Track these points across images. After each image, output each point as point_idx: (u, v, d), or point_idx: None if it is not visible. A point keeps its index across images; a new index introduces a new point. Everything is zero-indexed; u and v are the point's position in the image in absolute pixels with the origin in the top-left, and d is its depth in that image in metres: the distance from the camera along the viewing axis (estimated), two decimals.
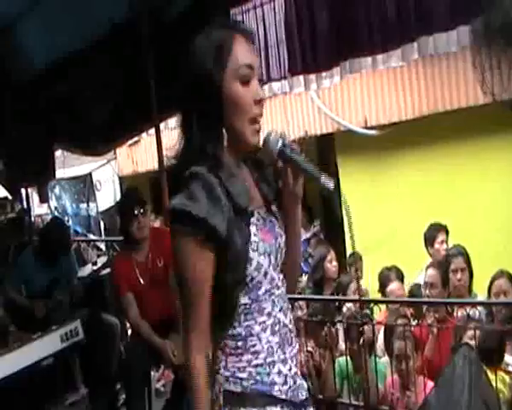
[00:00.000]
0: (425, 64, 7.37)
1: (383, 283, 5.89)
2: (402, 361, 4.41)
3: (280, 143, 1.91)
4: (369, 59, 5.90)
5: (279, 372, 1.90)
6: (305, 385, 2.05)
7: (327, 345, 5.02)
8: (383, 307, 5.37)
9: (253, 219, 1.90)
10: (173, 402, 4.71)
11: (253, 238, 1.86)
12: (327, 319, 5.04)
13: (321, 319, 5.10)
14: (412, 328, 4.66)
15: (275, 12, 6.33)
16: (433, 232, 6.22)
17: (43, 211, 13.88)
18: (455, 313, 4.69)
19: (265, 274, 1.90)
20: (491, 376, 3.86)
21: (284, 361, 1.92)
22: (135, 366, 4.59)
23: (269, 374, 1.89)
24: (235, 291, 1.87)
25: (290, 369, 1.94)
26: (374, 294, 6.10)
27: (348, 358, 4.84)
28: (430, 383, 4.23)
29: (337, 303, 5.49)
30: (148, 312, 4.60)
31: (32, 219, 9.22)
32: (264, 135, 1.93)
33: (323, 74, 6.30)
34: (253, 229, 1.88)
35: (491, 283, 4.93)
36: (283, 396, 1.91)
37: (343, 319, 5.06)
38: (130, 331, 5.34)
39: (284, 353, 1.93)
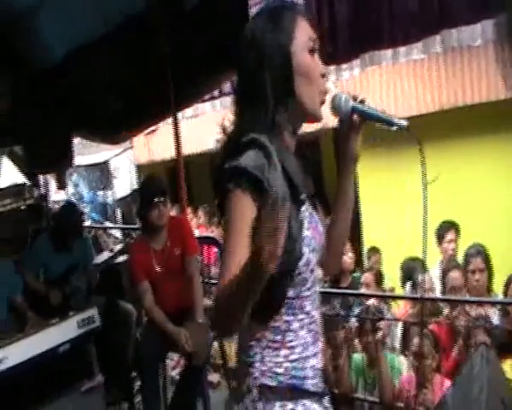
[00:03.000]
0: (446, 57, 7.32)
1: (407, 274, 5.86)
2: (419, 358, 4.39)
3: (351, 98, 1.96)
4: (390, 51, 5.87)
5: (311, 366, 1.91)
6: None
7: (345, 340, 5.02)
8: (401, 301, 5.35)
9: (303, 209, 1.87)
10: (183, 390, 4.72)
11: (305, 233, 1.84)
12: (343, 314, 5.04)
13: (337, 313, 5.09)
14: (430, 326, 4.64)
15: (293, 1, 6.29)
16: (443, 231, 6.18)
17: (61, 197, 13.96)
18: (473, 313, 4.66)
19: (312, 271, 1.89)
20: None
21: (316, 355, 1.93)
22: (150, 354, 4.60)
23: (303, 368, 1.89)
24: (285, 283, 1.81)
25: (319, 362, 1.95)
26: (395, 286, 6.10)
27: (363, 354, 4.84)
28: (447, 382, 4.22)
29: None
30: (163, 300, 4.60)
31: (50, 205, 9.25)
32: (331, 98, 1.96)
33: (343, 66, 6.27)
34: (305, 221, 1.85)
35: (508, 283, 4.86)
36: (313, 389, 1.92)
37: (361, 314, 5.04)
38: (145, 319, 5.36)
39: (316, 347, 1.93)
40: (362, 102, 1.96)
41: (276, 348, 1.87)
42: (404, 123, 1.88)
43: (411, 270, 5.78)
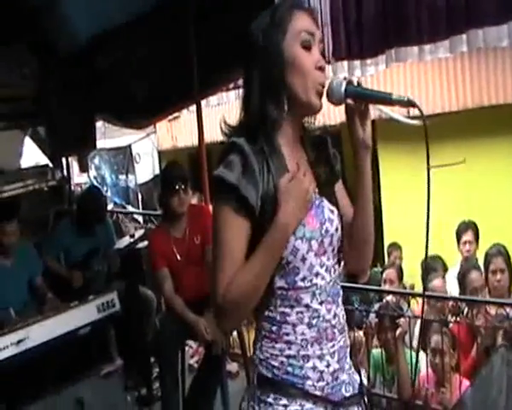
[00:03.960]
0: (471, 57, 7.29)
1: (426, 272, 5.85)
2: (437, 356, 4.39)
3: (344, 82, 1.89)
4: (416, 48, 5.83)
5: (313, 368, 1.87)
6: (356, 380, 2.02)
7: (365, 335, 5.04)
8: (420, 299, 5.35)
9: None
10: (201, 379, 4.75)
11: None
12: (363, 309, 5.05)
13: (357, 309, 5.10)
14: (450, 324, 4.64)
15: None
16: (460, 231, 6.17)
17: (83, 180, 14.02)
18: (493, 313, 4.65)
19: (303, 260, 1.84)
20: None
21: (321, 357, 1.88)
22: (169, 341, 4.61)
23: (301, 368, 1.86)
24: None
25: (328, 365, 1.89)
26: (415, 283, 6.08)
27: (382, 350, 4.86)
28: (465, 382, 4.23)
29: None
30: (183, 288, 4.62)
31: (72, 187, 9.30)
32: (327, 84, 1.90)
33: (368, 61, 6.25)
34: None
35: None
36: (318, 392, 1.87)
37: (381, 310, 5.05)
38: (164, 306, 5.38)
39: (321, 348, 1.88)
40: (358, 84, 1.89)
41: (273, 340, 1.88)
42: (405, 98, 1.80)
43: (430, 269, 5.76)
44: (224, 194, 1.80)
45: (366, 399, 2.05)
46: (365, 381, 2.01)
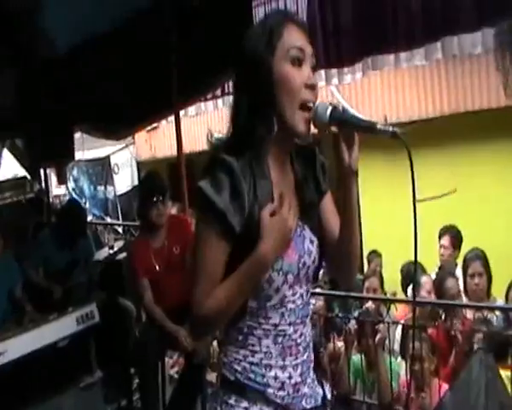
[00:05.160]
0: (447, 64, 7.35)
1: (406, 277, 5.87)
2: (417, 362, 4.41)
3: (330, 107, 1.82)
4: (392, 56, 5.88)
5: (275, 377, 1.90)
6: (319, 393, 2.05)
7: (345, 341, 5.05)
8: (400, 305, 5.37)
9: None
10: (182, 388, 4.74)
11: None
12: (343, 316, 5.07)
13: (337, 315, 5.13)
14: (429, 330, 4.67)
15: (297, 4, 6.29)
16: (439, 236, 6.20)
17: (61, 192, 13.98)
18: (471, 317, 4.68)
19: (277, 290, 1.87)
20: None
21: (283, 368, 1.91)
22: (148, 352, 4.60)
23: (263, 376, 1.90)
24: None
25: (290, 377, 1.92)
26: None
27: (362, 356, 4.87)
28: (445, 386, 4.25)
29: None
30: (163, 298, 4.61)
31: (50, 199, 9.27)
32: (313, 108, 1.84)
33: (345, 70, 6.28)
34: None
35: (509, 288, 4.88)
36: (278, 400, 1.91)
37: (359, 316, 5.07)
38: (144, 317, 5.37)
39: (284, 360, 1.91)
40: (343, 111, 1.83)
41: (238, 347, 1.92)
42: (390, 129, 1.74)
43: (411, 274, 5.78)
44: (210, 216, 1.80)
45: None
46: (328, 395, 2.06)
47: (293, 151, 1.98)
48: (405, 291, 5.97)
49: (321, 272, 2.10)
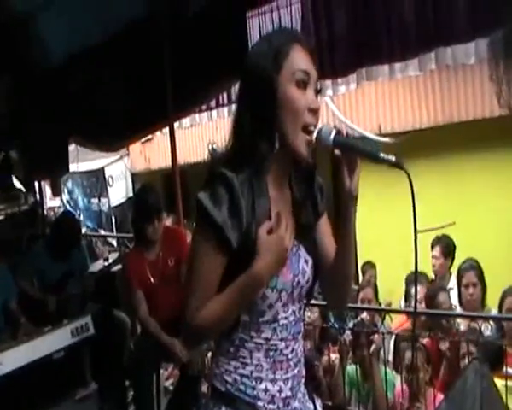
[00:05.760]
0: (441, 74, 7.38)
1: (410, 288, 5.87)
2: (411, 372, 4.41)
3: (334, 131, 1.84)
4: (387, 67, 5.89)
5: (265, 390, 1.92)
6: (309, 409, 2.06)
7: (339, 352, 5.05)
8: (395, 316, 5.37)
9: None
10: (177, 400, 4.73)
11: None
12: (338, 326, 5.07)
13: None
14: (424, 340, 4.66)
15: (291, 16, 6.30)
16: (431, 246, 6.20)
17: (56, 204, 13.95)
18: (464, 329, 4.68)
19: (270, 307, 1.89)
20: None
21: (273, 381, 1.93)
22: (144, 364, 4.61)
23: (254, 388, 1.91)
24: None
25: (280, 391, 1.94)
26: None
27: (357, 366, 4.87)
28: (440, 396, 4.24)
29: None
30: (158, 310, 4.62)
31: (45, 211, 9.26)
32: (316, 130, 1.85)
33: (339, 80, 6.29)
34: None
35: (503, 298, 4.86)
36: None
37: (354, 327, 5.07)
38: (139, 329, 5.36)
39: (274, 373, 1.93)
40: (347, 136, 1.87)
41: (229, 358, 1.94)
42: (393, 158, 1.77)
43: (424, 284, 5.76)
44: (208, 229, 1.81)
45: None
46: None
47: (292, 171, 1.98)
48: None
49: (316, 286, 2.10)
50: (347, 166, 1.85)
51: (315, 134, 1.85)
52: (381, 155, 1.78)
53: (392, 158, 1.77)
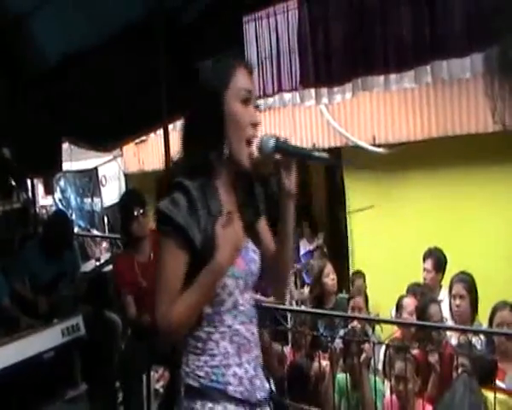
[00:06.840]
0: (436, 87, 7.40)
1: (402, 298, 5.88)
2: (401, 383, 4.43)
3: (273, 139, 2.13)
4: (382, 78, 5.91)
5: (234, 374, 2.14)
6: (266, 387, 2.28)
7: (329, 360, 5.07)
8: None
9: None
10: (168, 402, 4.72)
11: None
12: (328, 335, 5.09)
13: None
14: (414, 351, 4.68)
15: (288, 22, 6.32)
16: (423, 259, 6.21)
17: (48, 202, 13.89)
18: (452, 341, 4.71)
19: (230, 294, 2.15)
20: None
21: (240, 365, 2.16)
22: (134, 366, 4.62)
23: (224, 375, 2.13)
24: None
25: (246, 372, 2.18)
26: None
27: (347, 375, 4.88)
28: (428, 407, 4.27)
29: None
30: (148, 312, 4.61)
31: (37, 210, 9.23)
32: (258, 140, 2.15)
33: (335, 89, 6.30)
34: None
35: (493, 313, 4.87)
36: (238, 396, 2.14)
37: (345, 336, 5.09)
38: (130, 331, 5.36)
39: (240, 358, 2.16)
40: (285, 142, 2.15)
41: (198, 354, 2.14)
42: (326, 155, 2.13)
43: (417, 295, 5.76)
44: (169, 230, 2.06)
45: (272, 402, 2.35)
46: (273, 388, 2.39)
47: (236, 178, 2.24)
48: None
49: (307, 289, 2.29)
50: (285, 169, 2.17)
51: (257, 144, 2.15)
52: (316, 153, 2.16)
53: (324, 155, 2.14)
